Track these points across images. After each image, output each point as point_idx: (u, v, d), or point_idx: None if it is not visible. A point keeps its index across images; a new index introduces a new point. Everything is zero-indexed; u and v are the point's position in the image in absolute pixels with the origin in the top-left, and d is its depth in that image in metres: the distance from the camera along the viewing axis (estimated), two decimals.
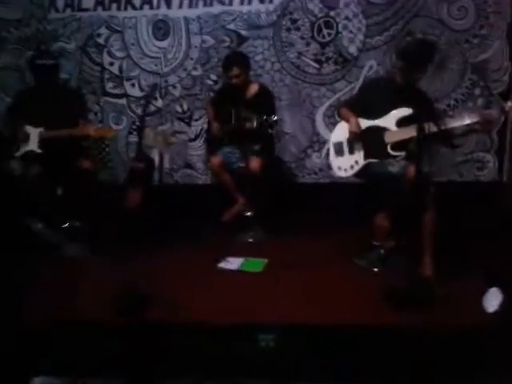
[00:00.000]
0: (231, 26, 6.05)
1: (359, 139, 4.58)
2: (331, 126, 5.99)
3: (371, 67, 5.90)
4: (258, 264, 4.76)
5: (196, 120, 6.28)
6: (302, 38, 5.99)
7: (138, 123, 6.26)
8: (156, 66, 6.24)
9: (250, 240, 5.38)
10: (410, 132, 4.18)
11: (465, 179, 6.06)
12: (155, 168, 5.54)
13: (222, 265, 4.79)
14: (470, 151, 5.90)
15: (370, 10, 5.84)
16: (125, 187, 5.56)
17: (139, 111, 6.39)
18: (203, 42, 6.10)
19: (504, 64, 5.71)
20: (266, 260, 4.78)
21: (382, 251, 4.52)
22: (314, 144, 6.30)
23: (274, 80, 6.10)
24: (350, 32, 5.90)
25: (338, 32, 5.92)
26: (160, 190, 5.46)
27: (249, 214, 5.57)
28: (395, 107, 4.40)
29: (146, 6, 6.13)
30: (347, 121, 4.58)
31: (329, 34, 5.92)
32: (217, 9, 6.02)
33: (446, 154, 5.78)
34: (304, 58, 6.03)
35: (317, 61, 6.03)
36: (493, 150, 5.90)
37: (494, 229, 4.87)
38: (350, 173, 4.68)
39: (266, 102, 5.49)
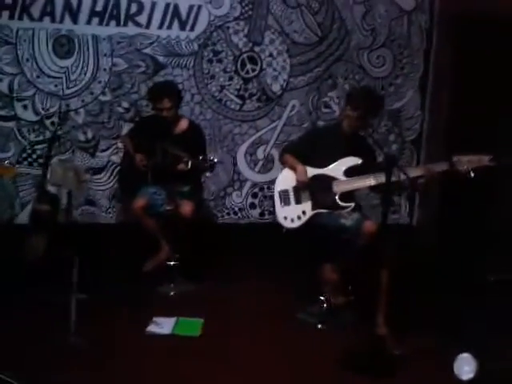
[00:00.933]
0: (147, 51, 4.88)
1: (306, 188, 3.92)
2: (252, 164, 5.40)
3: (294, 107, 5.14)
4: (193, 325, 3.74)
5: (102, 151, 4.93)
6: (225, 72, 5.00)
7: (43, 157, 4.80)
8: (56, 86, 4.81)
9: (172, 293, 4.30)
10: (360, 182, 3.79)
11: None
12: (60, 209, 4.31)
13: (151, 328, 3.66)
14: None
15: (294, 49, 5.07)
16: (25, 234, 4.25)
17: (31, 137, 5.08)
18: (114, 64, 4.85)
19: (416, 113, 5.32)
20: (202, 320, 3.77)
21: (325, 306, 3.91)
22: (234, 182, 5.25)
23: (194, 113, 5.12)
24: (274, 70, 5.06)
25: (262, 68, 5.04)
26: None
27: (172, 263, 4.44)
28: (343, 156, 3.88)
29: (47, 18, 4.71)
30: (293, 168, 3.97)
31: (253, 70, 5.03)
32: (131, 30, 4.82)
33: (364, 197, 5.01)
34: (226, 93, 5.02)
35: (239, 96, 5.04)
36: (405, 194, 5.37)
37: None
38: (298, 223, 3.93)
39: (196, 140, 4.54)
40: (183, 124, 4.54)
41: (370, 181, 3.77)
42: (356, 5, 5.28)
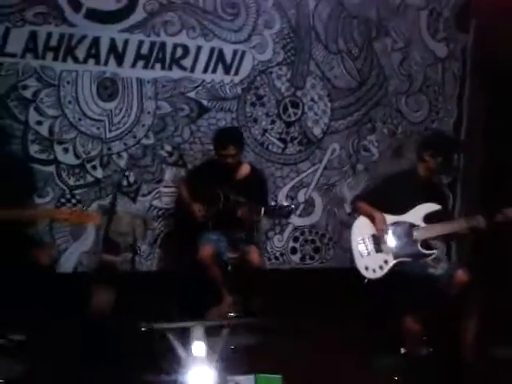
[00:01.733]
0: (192, 94, 4.39)
1: (386, 236, 3.48)
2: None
3: (334, 150, 4.71)
4: (274, 382, 3.11)
5: (144, 195, 4.35)
6: (267, 115, 4.55)
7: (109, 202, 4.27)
8: (98, 129, 4.25)
9: (233, 347, 3.50)
10: (442, 228, 3.44)
11: None
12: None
13: None
14: None
15: (334, 93, 4.66)
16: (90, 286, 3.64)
17: (71, 181, 4.56)
18: (158, 107, 4.34)
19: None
20: (279, 376, 3.13)
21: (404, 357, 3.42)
22: (275, 226, 4.74)
23: None
24: (315, 114, 4.64)
25: (303, 112, 4.61)
26: None
27: (233, 315, 3.89)
28: (420, 202, 3.51)
29: (92, 60, 4.18)
30: (370, 216, 3.57)
31: (294, 114, 4.60)
32: (176, 74, 4.34)
33: None
34: (268, 136, 4.56)
35: (281, 140, 4.58)
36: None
37: None
38: (380, 273, 3.50)
39: (258, 186, 4.11)
40: (245, 169, 4.10)
41: (454, 226, 3.40)
42: (394, 52, 4.83)
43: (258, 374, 3.15)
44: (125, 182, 4.50)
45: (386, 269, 3.49)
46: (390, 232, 3.50)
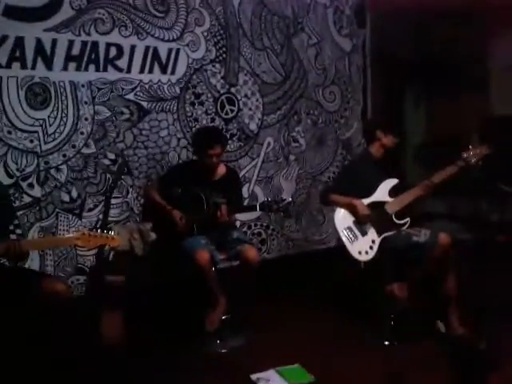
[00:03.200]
0: (130, 96, 3.63)
1: (368, 219, 3.32)
2: None
3: (269, 144, 4.31)
4: (299, 373, 2.88)
5: (89, 210, 3.52)
6: (207, 114, 3.99)
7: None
8: (32, 142, 3.31)
9: (224, 350, 3.26)
10: (405, 199, 3.35)
11: None
12: None
13: None
14: None
15: (265, 89, 4.24)
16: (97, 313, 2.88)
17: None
18: (97, 113, 3.51)
19: (362, 141, 4.84)
20: (298, 365, 2.92)
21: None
22: None
23: (181, 157, 3.88)
24: (250, 109, 4.19)
25: (239, 109, 4.14)
26: None
27: (225, 317, 3.39)
28: (381, 180, 3.43)
29: (16, 64, 3.23)
30: (347, 205, 3.38)
31: (231, 111, 4.10)
32: (113, 75, 3.55)
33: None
34: None
35: None
36: None
37: None
38: (372, 254, 3.32)
39: (235, 185, 3.65)
40: (221, 169, 3.51)
41: (415, 192, 3.33)
42: (309, 47, 4.51)
43: (277, 369, 2.82)
44: (67, 198, 3.45)
45: (375, 247, 3.30)
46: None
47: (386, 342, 3.26)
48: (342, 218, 3.36)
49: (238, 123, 4.27)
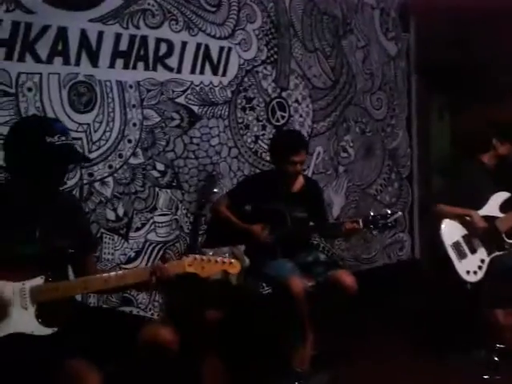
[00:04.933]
0: (181, 100, 3.14)
1: (483, 233, 2.95)
2: None
3: (319, 154, 3.88)
4: None
5: (136, 229, 2.98)
6: (258, 120, 3.53)
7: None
8: None
9: None
10: None
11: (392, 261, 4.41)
12: None
13: None
14: (393, 233, 4.35)
15: (315, 94, 3.83)
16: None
17: None
18: (145, 117, 3.01)
19: (407, 151, 4.46)
20: None
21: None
22: None
23: (232, 169, 3.39)
24: (300, 116, 3.76)
25: (290, 115, 3.70)
26: None
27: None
28: (492, 192, 3.06)
29: (58, 59, 2.70)
30: (459, 217, 3.01)
31: (282, 117, 3.66)
32: (162, 75, 3.06)
33: (378, 238, 4.35)
34: (261, 143, 3.55)
35: None
36: (407, 229, 4.49)
37: None
38: (480, 275, 2.96)
39: (316, 198, 3.20)
40: (300, 180, 3.05)
41: None
42: (358, 50, 4.09)
43: None
44: (112, 216, 2.89)
45: (484, 268, 2.93)
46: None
47: (486, 376, 2.84)
48: (451, 231, 2.95)
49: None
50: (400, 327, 3.37)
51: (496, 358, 2.88)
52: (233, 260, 1.89)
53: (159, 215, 3.19)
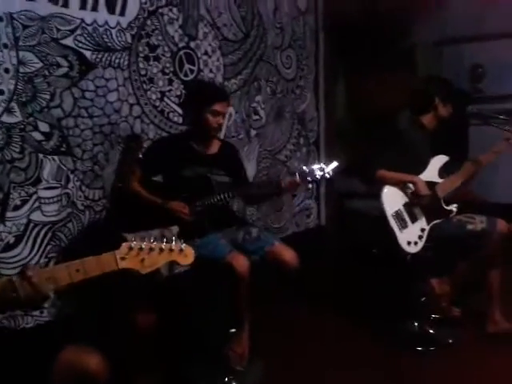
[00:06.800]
0: (69, 42, 2.54)
1: (425, 201, 2.70)
2: None
3: (230, 116, 3.52)
4: None
5: (15, 208, 2.38)
6: (164, 73, 3.04)
7: None
8: None
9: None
10: (456, 180, 2.79)
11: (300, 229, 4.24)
12: None
13: None
14: (301, 201, 4.20)
15: (225, 46, 3.43)
16: None
17: None
18: (22, 62, 2.37)
19: (315, 115, 4.29)
20: None
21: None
22: None
23: (134, 131, 2.90)
24: (211, 71, 3.34)
25: (199, 69, 3.27)
26: None
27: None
28: (430, 156, 2.84)
29: None
30: (403, 183, 2.71)
31: (191, 71, 3.22)
32: (44, 8, 2.44)
33: (287, 207, 4.09)
34: (168, 101, 3.08)
35: (181, 105, 3.18)
36: (313, 196, 4.36)
37: None
38: (421, 245, 2.70)
39: (236, 159, 2.80)
40: (216, 142, 2.65)
41: (465, 172, 2.78)
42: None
43: None
44: None
45: (424, 237, 2.69)
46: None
47: (419, 348, 2.71)
48: (392, 199, 2.65)
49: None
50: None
51: (431, 330, 2.60)
52: (183, 246, 1.30)
53: (45, 189, 2.40)
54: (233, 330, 2.29)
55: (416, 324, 2.73)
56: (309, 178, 2.30)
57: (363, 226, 3.45)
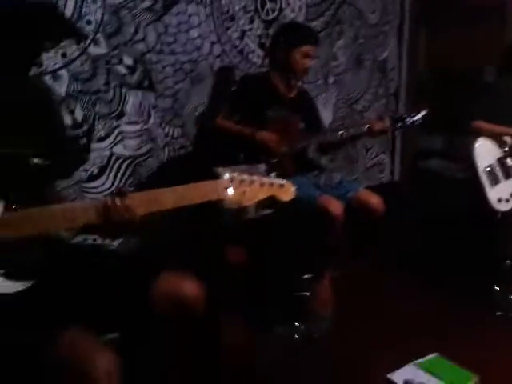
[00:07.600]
0: None
1: None
2: None
3: None
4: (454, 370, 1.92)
5: (99, 140, 2.28)
6: (246, 11, 2.81)
7: None
8: None
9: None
10: None
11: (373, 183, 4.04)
12: None
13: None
14: (375, 155, 3.91)
15: None
16: None
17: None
18: None
19: (396, 63, 3.91)
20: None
21: None
22: None
23: (213, 70, 2.70)
24: (293, 11, 3.06)
25: (281, 8, 2.99)
26: None
27: None
28: None
29: None
30: (498, 135, 2.52)
31: (272, 10, 2.96)
32: None
33: (360, 160, 3.91)
34: (248, 41, 2.85)
35: (261, 45, 2.93)
36: (388, 151, 4.05)
37: None
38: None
39: (311, 105, 2.68)
40: (296, 87, 2.54)
41: None
42: None
43: (416, 362, 1.92)
44: (67, 121, 2.13)
45: None
46: None
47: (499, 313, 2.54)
48: (486, 153, 2.50)
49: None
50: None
51: None
52: (284, 182, 1.22)
53: (127, 123, 2.39)
54: (307, 276, 2.21)
55: (498, 288, 2.52)
56: (399, 124, 2.15)
57: (440, 187, 3.27)
